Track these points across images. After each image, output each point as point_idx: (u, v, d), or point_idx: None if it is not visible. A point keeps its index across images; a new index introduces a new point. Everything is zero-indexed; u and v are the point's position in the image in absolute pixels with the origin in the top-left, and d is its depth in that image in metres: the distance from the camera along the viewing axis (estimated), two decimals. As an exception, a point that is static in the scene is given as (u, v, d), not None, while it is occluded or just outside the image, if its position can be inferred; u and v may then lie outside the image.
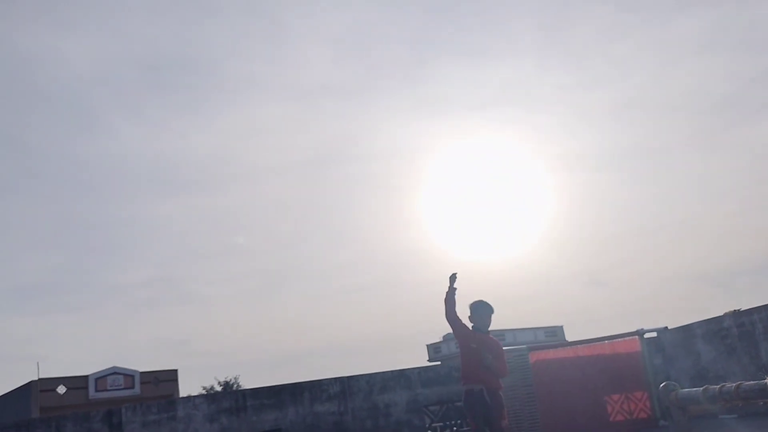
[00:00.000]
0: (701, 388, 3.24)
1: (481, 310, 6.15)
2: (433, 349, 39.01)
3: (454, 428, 10.08)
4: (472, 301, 6.34)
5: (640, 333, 10.87)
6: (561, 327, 36.65)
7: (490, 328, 6.22)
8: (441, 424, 9.96)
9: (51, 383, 30.47)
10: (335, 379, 9.54)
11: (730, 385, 3.05)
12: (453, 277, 5.92)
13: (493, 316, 6.26)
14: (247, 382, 43.10)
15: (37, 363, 42.54)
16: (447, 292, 5.96)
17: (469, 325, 6.10)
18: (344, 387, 9.49)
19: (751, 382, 2.96)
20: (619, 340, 10.77)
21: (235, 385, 42.82)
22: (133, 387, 32.13)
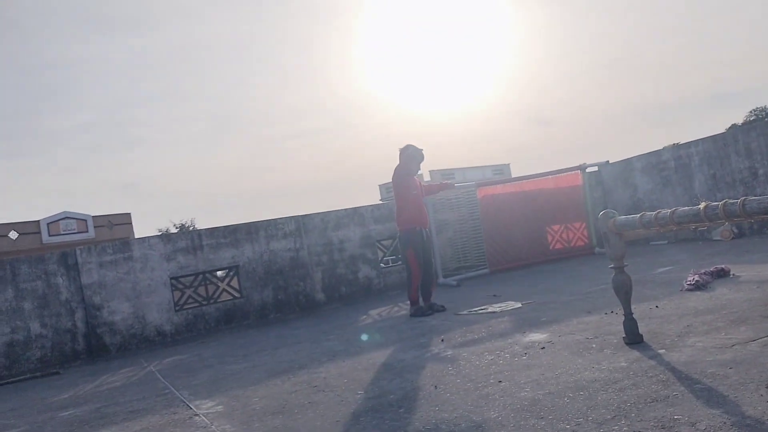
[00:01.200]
0: (638, 215, 3.43)
1: (417, 155, 6.79)
2: (385, 189, 39.76)
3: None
4: (404, 146, 6.84)
5: (582, 167, 11.28)
6: (508, 165, 37.58)
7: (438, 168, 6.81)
8: (393, 257, 10.44)
9: (2, 229, 30.20)
10: (290, 217, 9.73)
11: (666, 211, 3.23)
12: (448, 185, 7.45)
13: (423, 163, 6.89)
14: (204, 225, 43.64)
15: (-16, 210, 41.72)
16: (436, 188, 7.34)
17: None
18: (299, 225, 9.72)
19: (686, 208, 3.14)
20: (563, 174, 11.19)
21: (191, 227, 43.31)
22: (86, 231, 32.18)
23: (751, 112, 51.34)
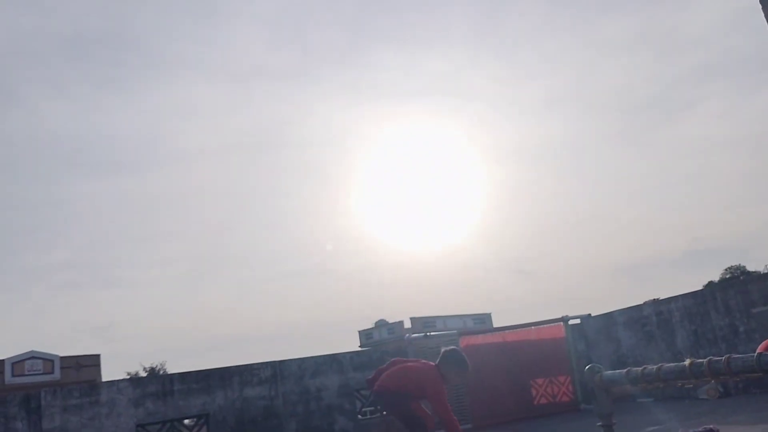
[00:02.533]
0: (624, 370, 3.37)
1: (456, 367, 5.54)
2: (365, 335, 39.21)
3: (383, 412, 10.17)
4: (452, 352, 5.62)
5: (564, 320, 11.25)
6: (489, 314, 37.49)
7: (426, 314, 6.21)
8: (372, 408, 10.04)
9: (-37, 367, 28.90)
10: (266, 363, 9.45)
11: (652, 367, 3.19)
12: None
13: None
14: (174, 369, 42.18)
15: (-51, 346, 40.27)
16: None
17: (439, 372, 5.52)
18: (275, 371, 9.41)
19: (671, 364, 3.10)
20: (545, 326, 11.12)
21: (162, 371, 41.82)
22: (52, 372, 30.89)
23: (726, 270, 52.55)
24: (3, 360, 30.16)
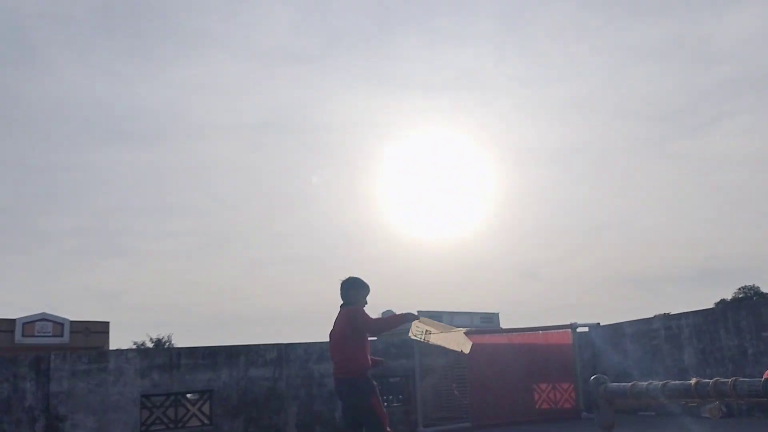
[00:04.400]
0: (629, 384, 3.38)
1: (367, 290, 5.65)
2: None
3: (384, 403, 10.23)
4: (351, 279, 5.65)
5: (573, 327, 11.22)
6: (497, 314, 37.41)
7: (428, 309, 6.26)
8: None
9: (-25, 324, 29.44)
10: (273, 345, 9.54)
11: (657, 383, 3.19)
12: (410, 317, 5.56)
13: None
14: (180, 342, 42.61)
15: (-38, 302, 41.02)
16: (395, 321, 5.45)
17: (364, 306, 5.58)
18: (281, 353, 9.50)
19: (677, 382, 3.11)
20: (553, 331, 11.10)
21: (168, 344, 42.27)
22: (61, 335, 31.33)
23: (740, 289, 52.03)
24: (14, 319, 30.66)
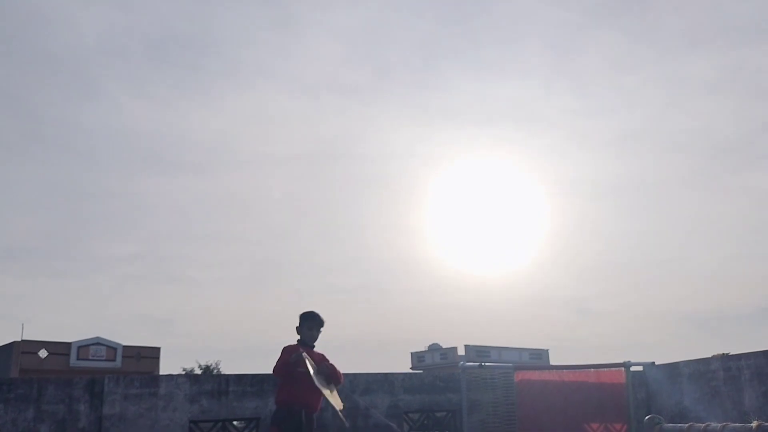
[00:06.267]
0: (686, 425, 3.27)
1: (311, 322, 6.11)
2: (417, 358, 39.01)
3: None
4: (303, 312, 6.19)
5: (626, 365, 10.89)
6: (546, 351, 36.66)
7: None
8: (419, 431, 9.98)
9: (33, 346, 30.45)
10: (319, 374, 9.55)
11: (716, 425, 3.08)
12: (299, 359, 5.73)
13: (323, 329, 6.18)
14: (228, 369, 43.06)
15: (22, 324, 42.49)
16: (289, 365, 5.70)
17: (296, 338, 6.03)
18: (327, 384, 9.50)
19: (737, 425, 2.99)
20: (605, 369, 10.79)
21: (216, 371, 42.75)
22: (114, 359, 32.12)
23: (804, 331, 49.51)
24: (70, 343, 31.61)
